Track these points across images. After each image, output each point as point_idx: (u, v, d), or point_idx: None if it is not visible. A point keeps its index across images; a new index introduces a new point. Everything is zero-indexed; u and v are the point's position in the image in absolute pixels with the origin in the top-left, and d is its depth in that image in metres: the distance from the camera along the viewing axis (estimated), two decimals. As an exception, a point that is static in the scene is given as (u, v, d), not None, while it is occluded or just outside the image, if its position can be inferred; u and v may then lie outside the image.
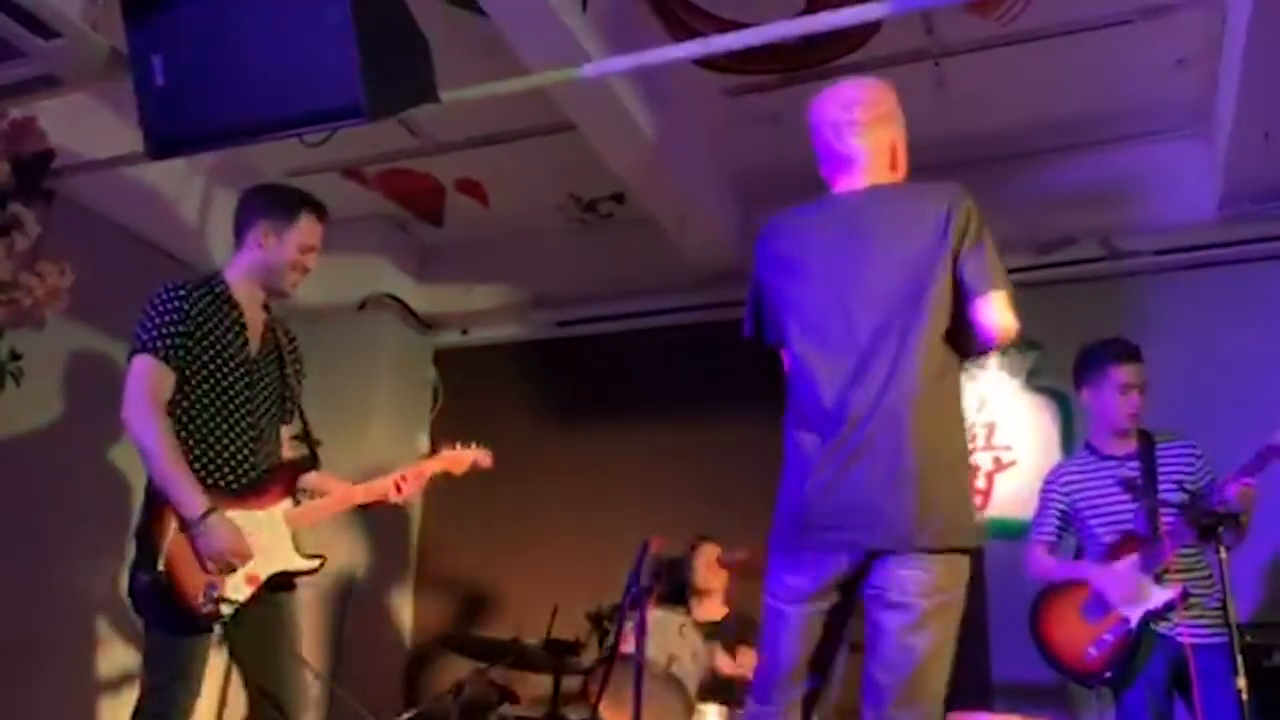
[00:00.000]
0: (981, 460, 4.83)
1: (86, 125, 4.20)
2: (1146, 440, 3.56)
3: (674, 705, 3.80)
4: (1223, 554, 3.04)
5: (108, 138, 4.02)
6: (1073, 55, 4.44)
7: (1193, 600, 3.31)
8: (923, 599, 2.25)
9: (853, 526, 2.31)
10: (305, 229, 3.15)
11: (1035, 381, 4.97)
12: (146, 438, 2.87)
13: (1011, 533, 4.76)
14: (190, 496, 2.83)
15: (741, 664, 4.27)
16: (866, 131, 2.64)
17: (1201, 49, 4.36)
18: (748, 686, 4.13)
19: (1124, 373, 3.56)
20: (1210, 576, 3.39)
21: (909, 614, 2.26)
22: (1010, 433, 4.89)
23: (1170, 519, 3.37)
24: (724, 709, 3.88)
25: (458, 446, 3.52)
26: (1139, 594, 3.31)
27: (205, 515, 2.81)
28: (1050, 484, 3.71)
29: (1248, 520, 3.31)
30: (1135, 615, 3.33)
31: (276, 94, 2.75)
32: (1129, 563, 3.39)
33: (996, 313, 2.39)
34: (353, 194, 5.55)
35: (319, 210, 3.20)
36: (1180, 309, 4.70)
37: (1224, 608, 3.06)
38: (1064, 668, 3.51)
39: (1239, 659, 2.90)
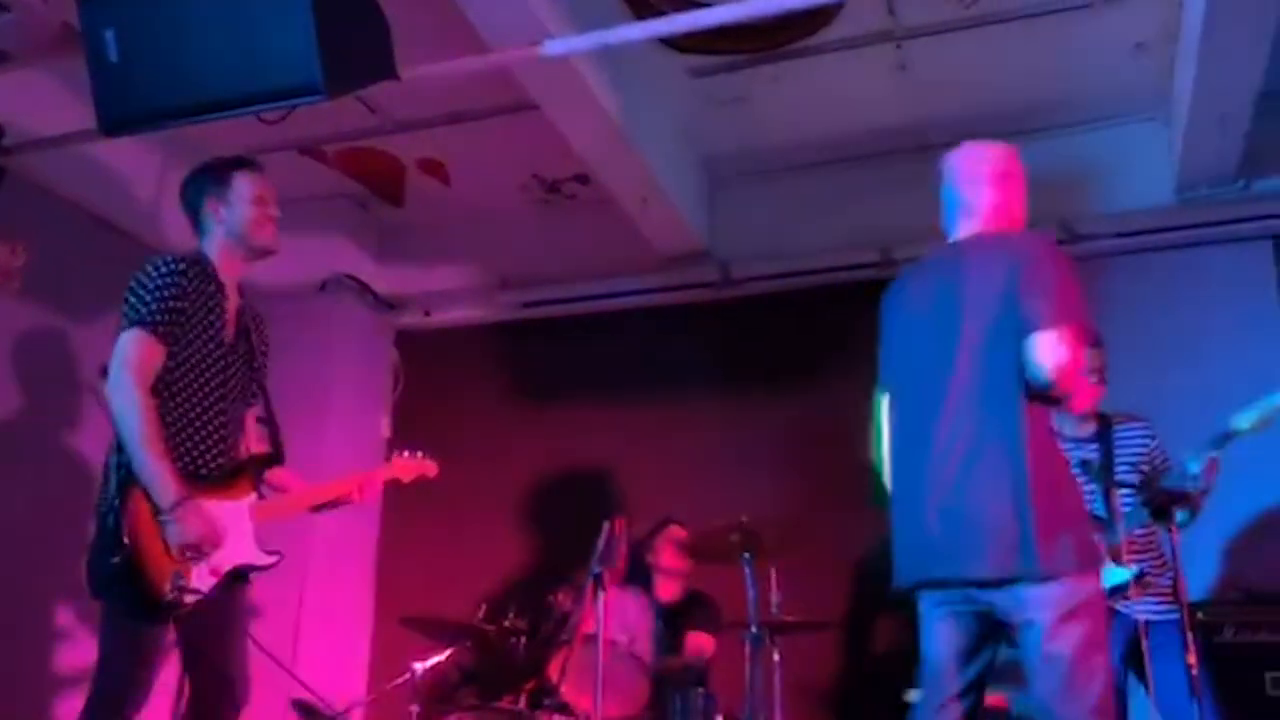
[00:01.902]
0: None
1: (39, 101, 4.11)
2: (1105, 423, 3.61)
3: (634, 685, 3.81)
4: (1174, 533, 3.09)
5: (61, 114, 3.95)
6: (1033, 39, 4.47)
7: (1148, 579, 3.38)
8: None
9: None
10: (246, 183, 3.08)
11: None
12: (129, 416, 2.78)
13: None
14: (167, 482, 2.75)
15: (689, 648, 4.30)
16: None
17: (1160, 33, 4.40)
18: (693, 672, 4.19)
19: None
20: (1163, 555, 3.46)
21: None
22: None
23: (1126, 500, 3.43)
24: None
25: (406, 455, 3.62)
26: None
27: (179, 503, 2.75)
28: None
29: (1202, 500, 3.37)
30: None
31: (232, 70, 2.71)
32: None
33: None
34: (312, 172, 5.48)
35: (250, 164, 3.14)
36: (1138, 291, 4.76)
37: (1170, 587, 3.13)
38: None
39: (1189, 636, 2.95)
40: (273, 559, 3.02)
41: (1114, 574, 3.35)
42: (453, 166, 5.51)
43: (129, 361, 2.82)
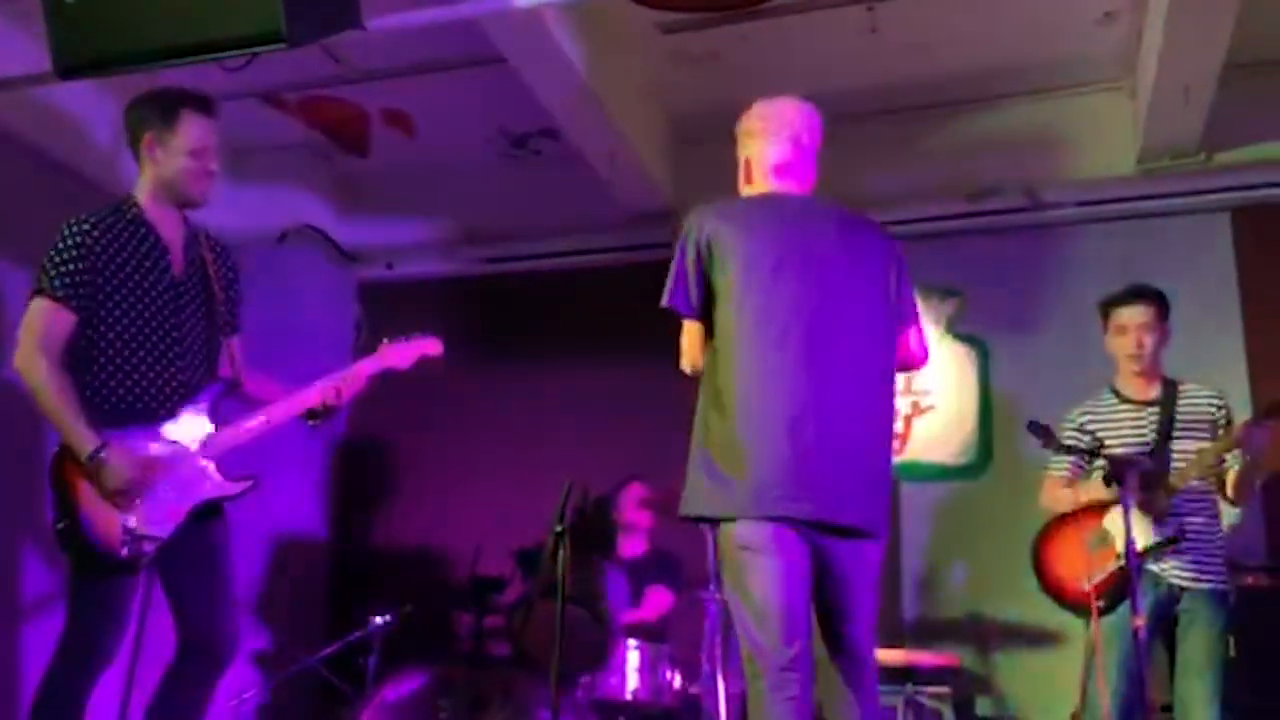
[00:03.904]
0: (900, 405, 4.93)
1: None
2: (1170, 387, 3.62)
3: (595, 642, 3.85)
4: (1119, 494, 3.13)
5: (14, 56, 3.85)
6: (1003, 5, 4.47)
7: (1188, 544, 3.37)
8: None
9: None
10: (189, 131, 2.96)
11: (955, 328, 5.07)
12: (33, 381, 2.79)
13: (927, 475, 4.89)
14: (78, 436, 2.74)
15: (648, 602, 4.34)
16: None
17: (1128, 3, 4.41)
18: (652, 628, 4.24)
19: (1119, 315, 3.65)
20: (1215, 523, 3.48)
21: None
22: (929, 378, 4.98)
23: (1176, 462, 3.44)
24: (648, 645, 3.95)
25: (401, 340, 3.32)
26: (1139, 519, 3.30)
27: (96, 452, 2.73)
28: (1069, 421, 3.72)
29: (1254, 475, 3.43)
30: (1133, 550, 3.28)
31: (193, 16, 2.65)
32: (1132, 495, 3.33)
33: None
34: (274, 121, 5.39)
35: (202, 105, 3.00)
36: (1100, 259, 4.81)
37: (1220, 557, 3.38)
38: (1058, 597, 3.57)
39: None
40: (241, 486, 2.96)
41: (1153, 532, 3.33)
42: (418, 118, 5.44)
43: (30, 330, 2.83)
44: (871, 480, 2.57)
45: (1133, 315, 3.63)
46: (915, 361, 2.79)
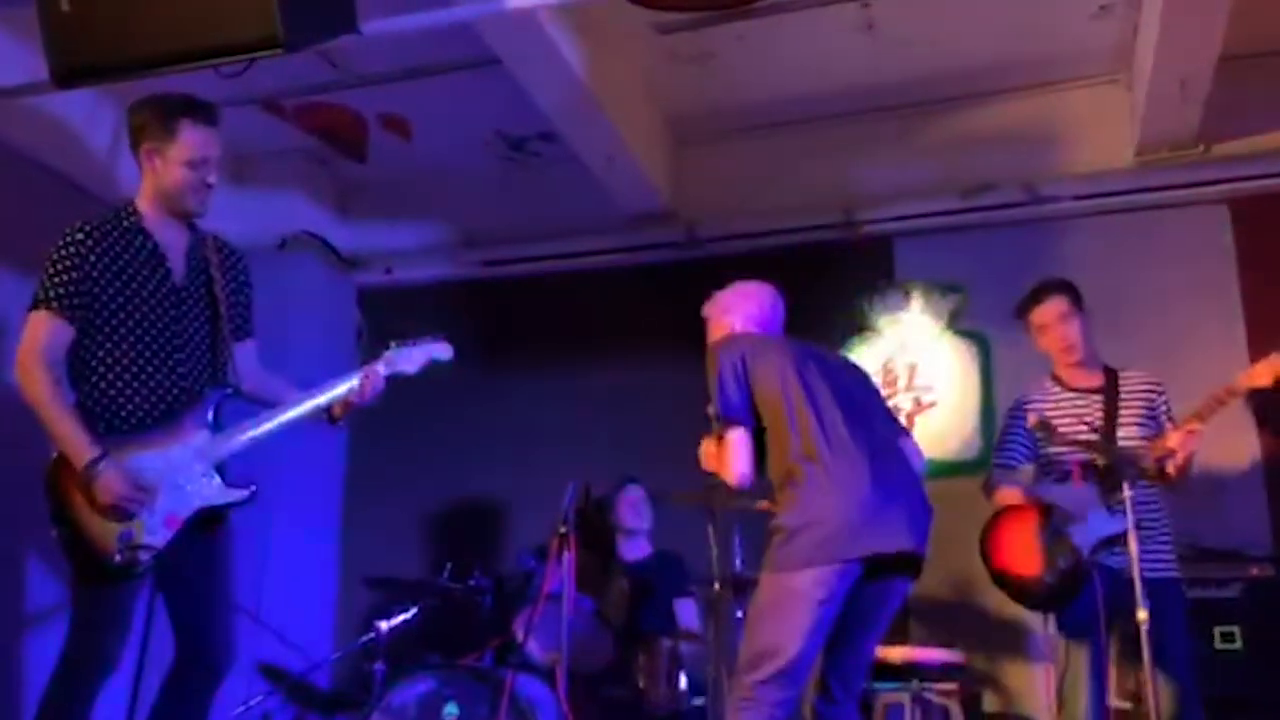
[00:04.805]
0: (902, 401, 4.94)
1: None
2: (1111, 375, 3.63)
3: (599, 642, 3.85)
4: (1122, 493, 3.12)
5: (11, 65, 3.85)
6: (998, 0, 4.47)
7: (1142, 534, 3.30)
8: None
9: None
10: (188, 142, 2.90)
11: (956, 324, 5.07)
12: (31, 393, 2.78)
13: (930, 471, 4.85)
14: (76, 447, 2.73)
15: (682, 618, 4.34)
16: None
17: (1123, -3, 4.42)
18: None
19: (1034, 315, 3.68)
20: (1163, 512, 3.48)
21: None
22: (931, 374, 4.99)
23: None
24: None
25: (409, 345, 3.32)
26: (1093, 511, 3.33)
27: (93, 463, 2.72)
28: (1016, 411, 3.75)
29: (1176, 473, 3.40)
30: (1088, 543, 3.35)
31: (190, 22, 2.65)
32: (1086, 486, 3.43)
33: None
34: (271, 128, 5.39)
35: (202, 114, 2.93)
36: (1098, 252, 4.82)
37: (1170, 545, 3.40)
38: (1013, 591, 3.56)
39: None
40: (242, 494, 2.92)
41: (1107, 524, 3.33)
42: (415, 122, 5.44)
43: (27, 343, 2.83)
44: (927, 520, 2.92)
45: (1046, 311, 3.66)
46: (916, 464, 3.12)
